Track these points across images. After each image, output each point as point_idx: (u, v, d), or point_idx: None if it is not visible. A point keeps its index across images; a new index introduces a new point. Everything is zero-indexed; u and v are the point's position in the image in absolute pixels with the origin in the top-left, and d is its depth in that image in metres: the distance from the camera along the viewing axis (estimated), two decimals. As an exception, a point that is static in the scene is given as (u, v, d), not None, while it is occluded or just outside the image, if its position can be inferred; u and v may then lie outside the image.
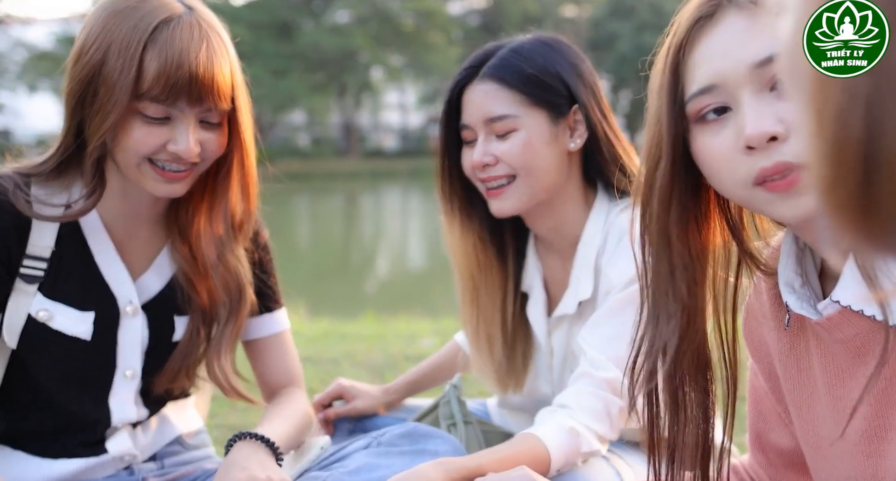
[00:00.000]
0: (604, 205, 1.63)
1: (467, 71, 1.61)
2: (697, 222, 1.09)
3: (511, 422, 1.85)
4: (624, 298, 1.52)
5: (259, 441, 1.37)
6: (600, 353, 1.49)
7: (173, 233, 1.52)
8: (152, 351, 1.51)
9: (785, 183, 0.94)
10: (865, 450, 1.01)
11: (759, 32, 0.96)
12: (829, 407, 1.06)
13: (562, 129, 1.60)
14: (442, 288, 9.62)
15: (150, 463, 1.57)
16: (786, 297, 1.04)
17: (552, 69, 1.58)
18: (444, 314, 5.07)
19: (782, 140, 0.93)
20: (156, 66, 1.30)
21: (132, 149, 1.35)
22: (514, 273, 1.76)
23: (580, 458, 1.44)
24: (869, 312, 0.95)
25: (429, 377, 1.96)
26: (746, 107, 0.95)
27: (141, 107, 1.32)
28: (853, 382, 1.01)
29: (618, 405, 1.46)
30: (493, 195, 1.60)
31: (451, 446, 1.41)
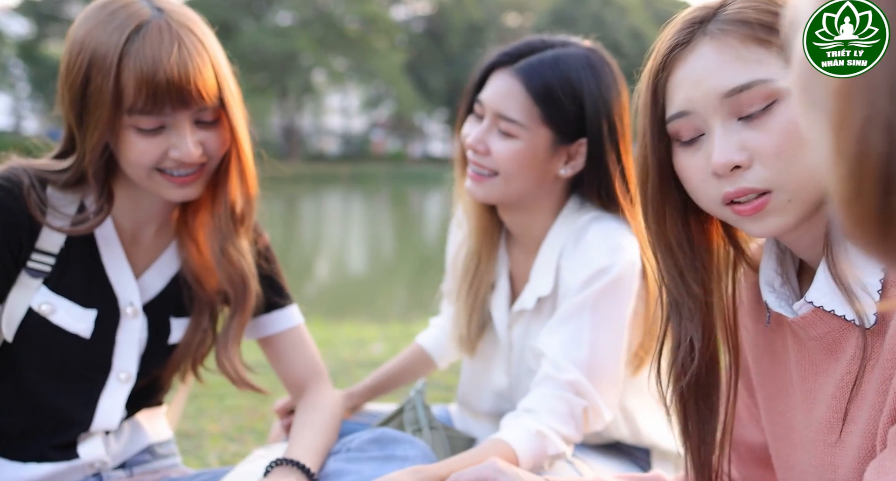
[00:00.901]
0: (573, 209, 1.67)
1: (506, 57, 1.61)
2: (693, 225, 1.14)
3: (473, 427, 1.88)
4: (580, 301, 1.55)
5: (295, 467, 1.36)
6: (561, 356, 1.52)
7: (180, 232, 1.52)
8: (148, 353, 1.51)
9: (750, 208, 1.01)
10: (828, 440, 1.06)
11: (728, 63, 1.01)
12: (800, 400, 1.12)
13: (559, 154, 1.62)
14: (386, 293, 9.61)
15: (120, 471, 1.56)
16: (766, 296, 1.11)
17: (578, 96, 1.57)
18: (392, 320, 5.05)
19: (746, 167, 1.00)
20: (133, 79, 1.30)
21: (136, 163, 1.36)
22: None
23: (547, 461, 1.47)
24: (840, 312, 1.00)
25: (392, 381, 1.97)
26: (715, 134, 1.01)
27: (133, 121, 1.33)
28: (824, 377, 1.07)
29: (581, 406, 1.49)
30: (473, 178, 1.63)
31: (419, 451, 1.43)
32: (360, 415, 1.91)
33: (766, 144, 0.99)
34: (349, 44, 40.22)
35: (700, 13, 1.04)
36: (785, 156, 0.98)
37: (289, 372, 1.63)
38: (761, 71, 0.99)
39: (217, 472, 1.59)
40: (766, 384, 1.20)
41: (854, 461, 1.01)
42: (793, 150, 0.98)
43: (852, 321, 0.99)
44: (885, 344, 0.96)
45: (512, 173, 1.59)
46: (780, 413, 1.17)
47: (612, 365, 1.54)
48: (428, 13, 47.62)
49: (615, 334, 1.55)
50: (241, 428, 2.64)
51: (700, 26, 1.04)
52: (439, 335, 2.00)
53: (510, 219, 1.71)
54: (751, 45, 1.00)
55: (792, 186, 0.99)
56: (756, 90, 0.99)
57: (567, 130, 1.59)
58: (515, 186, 1.61)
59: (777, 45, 0.99)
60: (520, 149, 1.58)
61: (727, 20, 1.02)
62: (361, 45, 39.90)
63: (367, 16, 40.39)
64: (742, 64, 1.00)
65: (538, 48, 1.60)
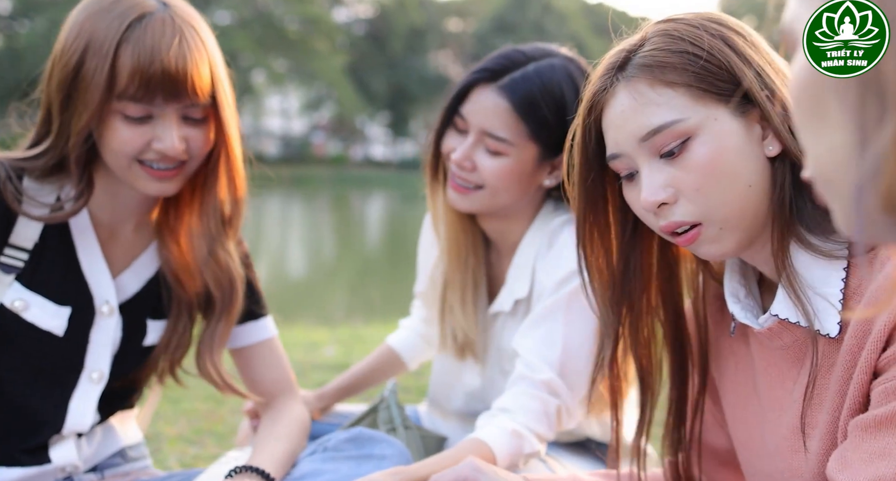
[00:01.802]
0: (548, 214, 1.70)
1: (488, 72, 1.59)
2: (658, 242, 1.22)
3: (442, 427, 1.89)
4: (554, 303, 1.57)
5: (256, 474, 1.35)
6: (535, 356, 1.54)
7: (162, 232, 1.50)
8: (121, 354, 1.48)
9: (685, 239, 1.07)
10: (793, 446, 1.11)
11: (640, 108, 1.06)
12: (766, 407, 1.17)
13: (544, 167, 1.64)
14: (330, 297, 9.54)
15: (91, 475, 1.53)
16: (731, 307, 1.15)
17: (562, 109, 1.58)
18: (339, 323, 5.03)
19: (672, 203, 1.06)
20: (129, 65, 1.29)
21: (118, 151, 1.34)
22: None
23: (522, 460, 1.48)
24: (805, 323, 1.05)
25: (362, 382, 1.97)
26: (642, 175, 1.07)
27: (121, 107, 1.31)
28: (791, 384, 1.12)
29: (555, 405, 1.52)
30: (456, 190, 1.63)
31: (396, 450, 1.43)
32: (330, 416, 1.91)
33: (687, 181, 1.04)
34: (289, 45, 39.84)
35: (616, 58, 1.10)
36: (705, 190, 1.03)
37: (259, 385, 1.61)
38: (670, 113, 1.04)
39: (188, 474, 1.57)
40: (731, 392, 1.24)
41: (819, 465, 1.06)
42: (712, 184, 1.03)
43: (818, 330, 1.03)
44: (841, 349, 1.01)
45: (499, 188, 1.60)
46: (745, 419, 1.21)
47: (584, 364, 1.56)
48: (370, 16, 47.49)
49: (587, 334, 1.57)
50: (199, 431, 2.60)
51: (616, 72, 1.09)
52: (410, 336, 2.01)
53: (490, 225, 1.73)
54: (659, 88, 1.05)
55: (718, 217, 1.04)
56: (668, 131, 1.04)
57: (552, 144, 1.60)
58: (501, 199, 1.63)
59: (683, 84, 1.04)
60: (508, 165, 1.59)
61: (636, 66, 1.07)
62: (302, 46, 39.55)
63: (307, 17, 40.07)
64: (653, 108, 1.05)
65: (520, 62, 1.59)
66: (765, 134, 1.05)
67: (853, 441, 0.97)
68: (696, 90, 1.04)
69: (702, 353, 1.26)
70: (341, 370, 3.38)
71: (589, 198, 1.17)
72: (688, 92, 1.04)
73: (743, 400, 1.22)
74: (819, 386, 1.06)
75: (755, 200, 1.04)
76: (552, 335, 1.55)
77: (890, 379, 0.94)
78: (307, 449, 1.47)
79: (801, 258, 1.04)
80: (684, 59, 1.04)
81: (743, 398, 1.22)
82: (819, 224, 1.04)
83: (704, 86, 1.04)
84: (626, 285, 1.21)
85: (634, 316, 1.22)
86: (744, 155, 1.04)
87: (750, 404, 1.20)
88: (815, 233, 1.04)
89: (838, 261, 1.02)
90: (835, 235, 1.03)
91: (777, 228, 1.05)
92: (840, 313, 1.01)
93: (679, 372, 1.26)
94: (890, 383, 0.93)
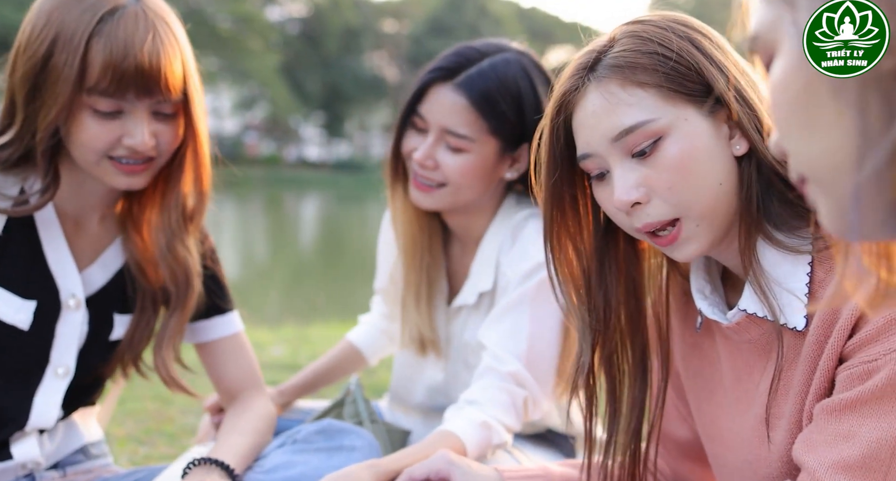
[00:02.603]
0: (511, 207, 1.73)
1: (444, 71, 1.61)
2: (624, 239, 1.23)
3: (403, 422, 1.91)
4: (520, 295, 1.59)
5: (215, 465, 1.33)
6: (502, 348, 1.56)
7: (126, 225, 1.47)
8: (87, 348, 1.45)
9: (666, 240, 1.09)
10: (760, 436, 1.15)
11: (612, 108, 1.08)
12: (733, 400, 1.20)
13: (505, 160, 1.67)
14: (265, 298, 9.43)
15: (53, 471, 1.50)
16: (699, 303, 1.18)
17: (519, 102, 1.61)
18: (279, 323, 4.97)
19: (645, 203, 1.08)
20: (101, 59, 1.27)
21: (87, 146, 1.31)
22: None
23: (491, 450, 1.49)
24: (772, 318, 1.09)
25: (324, 378, 1.97)
26: (614, 175, 1.09)
27: (91, 101, 1.29)
28: (759, 376, 1.15)
29: (522, 396, 1.54)
30: (419, 188, 1.65)
31: (366, 442, 1.44)
32: (291, 412, 1.91)
33: (659, 180, 1.06)
34: (222, 43, 39.16)
35: (586, 59, 1.12)
36: (677, 188, 1.06)
37: (225, 380, 1.59)
38: (641, 113, 1.06)
39: (152, 470, 1.55)
40: (697, 386, 1.28)
41: (787, 453, 1.09)
42: (684, 183, 1.06)
43: (784, 324, 1.07)
44: (806, 340, 1.05)
45: (463, 185, 1.62)
46: (711, 413, 1.24)
47: (549, 355, 1.60)
48: (303, 15, 47.04)
49: (552, 326, 1.61)
50: (148, 431, 2.55)
51: (587, 73, 1.11)
52: (370, 332, 2.02)
53: (453, 221, 1.75)
54: (630, 88, 1.07)
55: (694, 213, 1.07)
56: (640, 131, 1.06)
57: (512, 137, 1.63)
58: (465, 195, 1.65)
59: (653, 84, 1.07)
60: (470, 161, 1.61)
61: (607, 66, 1.09)
62: (234, 44, 38.93)
63: (240, 15, 39.49)
64: (624, 108, 1.07)
65: (474, 59, 1.61)
66: (732, 133, 1.08)
67: (818, 424, 1.01)
68: (666, 90, 1.06)
69: (663, 348, 1.28)
70: (291, 369, 3.36)
71: (556, 197, 1.19)
72: (658, 92, 1.06)
73: (709, 393, 1.25)
74: (785, 378, 1.10)
75: (725, 198, 1.08)
76: (518, 327, 1.58)
77: (855, 365, 0.98)
78: (276, 441, 1.46)
79: (768, 254, 1.08)
80: (654, 59, 1.07)
81: (709, 391, 1.25)
82: (785, 221, 1.08)
83: (674, 86, 1.06)
84: (602, 285, 1.22)
85: (609, 314, 1.24)
86: (713, 154, 1.07)
87: (716, 397, 1.23)
88: (782, 230, 1.07)
89: (803, 256, 1.06)
90: (800, 231, 1.07)
91: (744, 225, 1.08)
92: (806, 307, 1.05)
93: (640, 366, 1.28)
94: (855, 369, 0.98)
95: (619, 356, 1.27)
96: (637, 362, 1.28)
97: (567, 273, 1.23)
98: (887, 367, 0.94)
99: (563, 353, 1.61)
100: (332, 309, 6.43)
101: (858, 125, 0.58)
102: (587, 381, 1.27)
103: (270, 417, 1.55)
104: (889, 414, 0.94)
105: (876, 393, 0.95)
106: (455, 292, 1.80)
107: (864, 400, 0.96)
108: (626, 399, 1.28)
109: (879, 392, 0.95)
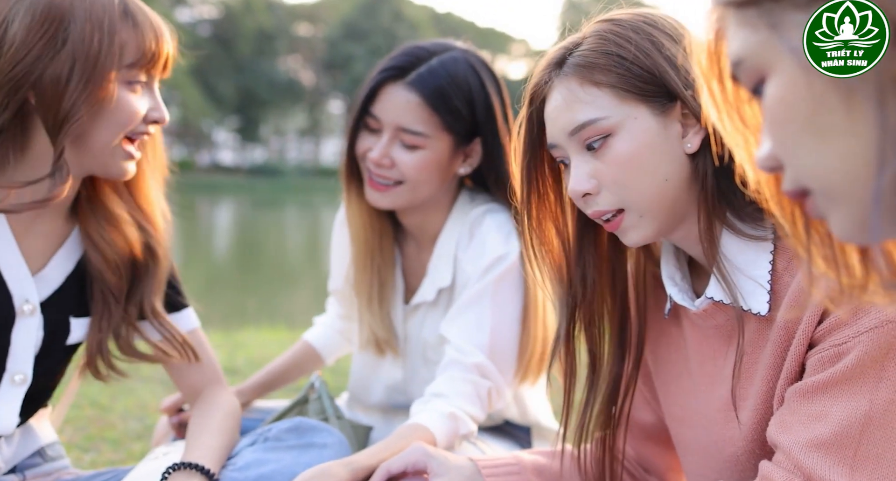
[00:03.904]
0: (465, 204, 1.76)
1: (395, 70, 1.64)
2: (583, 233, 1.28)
3: (363, 420, 1.91)
4: (481, 289, 1.63)
5: (195, 470, 1.32)
6: (465, 341, 1.59)
7: (85, 219, 1.44)
8: (44, 354, 1.41)
9: (610, 226, 1.17)
10: (725, 417, 1.20)
11: (570, 104, 1.15)
12: (699, 384, 1.25)
13: (459, 155, 1.70)
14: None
15: (12, 476, 1.46)
16: (669, 290, 1.24)
17: (469, 98, 1.65)
18: (207, 329, 4.89)
19: (595, 193, 1.15)
20: (138, 38, 1.33)
21: (121, 122, 1.33)
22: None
23: (458, 441, 1.52)
24: (734, 303, 1.14)
25: (281, 377, 1.97)
26: (571, 165, 1.16)
27: (128, 76, 1.33)
28: (724, 360, 1.21)
29: (486, 387, 1.57)
30: (376, 188, 1.67)
31: (336, 438, 1.45)
32: (250, 412, 1.89)
33: (607, 173, 1.13)
34: (130, 44, 38.09)
35: (557, 55, 1.19)
36: (622, 182, 1.13)
37: (186, 377, 1.57)
38: (594, 111, 1.13)
39: (117, 472, 1.52)
40: (663, 370, 1.33)
41: (751, 433, 1.16)
42: (629, 177, 1.13)
43: (749, 310, 1.13)
44: (773, 326, 1.11)
45: (419, 181, 1.65)
46: (677, 396, 1.30)
47: (511, 346, 1.64)
48: (214, 17, 46.18)
49: (513, 318, 1.64)
50: (90, 438, 2.47)
51: (555, 68, 1.18)
52: (326, 332, 2.02)
53: (409, 220, 1.77)
54: (587, 87, 1.14)
55: (637, 205, 1.13)
56: (591, 127, 1.13)
57: (464, 132, 1.67)
58: (422, 192, 1.67)
59: (608, 84, 1.13)
60: (426, 158, 1.64)
61: (571, 64, 1.16)
62: (144, 46, 37.90)
63: (150, 16, 38.48)
64: (580, 105, 1.14)
65: (423, 57, 1.65)
66: (685, 132, 1.14)
67: (791, 406, 1.07)
68: (619, 90, 1.13)
69: (640, 333, 1.33)
70: (231, 373, 3.31)
71: (531, 180, 1.24)
72: (612, 92, 1.13)
73: (676, 377, 1.30)
74: (750, 361, 1.16)
75: (672, 193, 1.13)
76: (480, 320, 1.61)
77: (825, 348, 1.04)
78: (247, 440, 1.45)
79: (731, 243, 1.14)
80: (611, 60, 1.13)
81: (676, 376, 1.30)
82: (749, 213, 1.14)
83: (627, 86, 1.13)
84: (581, 265, 1.27)
85: (589, 295, 1.28)
86: (661, 151, 1.13)
87: (683, 381, 1.29)
88: (744, 220, 1.14)
89: (765, 243, 1.12)
90: (761, 221, 1.13)
91: (704, 216, 1.15)
92: (769, 293, 1.11)
93: (618, 351, 1.33)
94: (825, 352, 1.04)
95: (599, 331, 1.32)
96: (616, 341, 1.33)
97: (547, 251, 1.27)
98: (856, 350, 1.00)
99: (521, 345, 1.65)
100: (261, 314, 6.35)
101: (878, 128, 0.59)
102: (566, 355, 1.31)
103: (237, 414, 1.54)
104: (858, 394, 1.00)
105: (846, 374, 1.01)
106: (412, 290, 1.82)
107: (835, 382, 1.02)
108: (604, 372, 1.33)
109: (849, 373, 1.01)
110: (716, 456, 1.22)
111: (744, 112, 0.74)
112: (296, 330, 5.00)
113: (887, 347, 0.99)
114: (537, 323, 1.66)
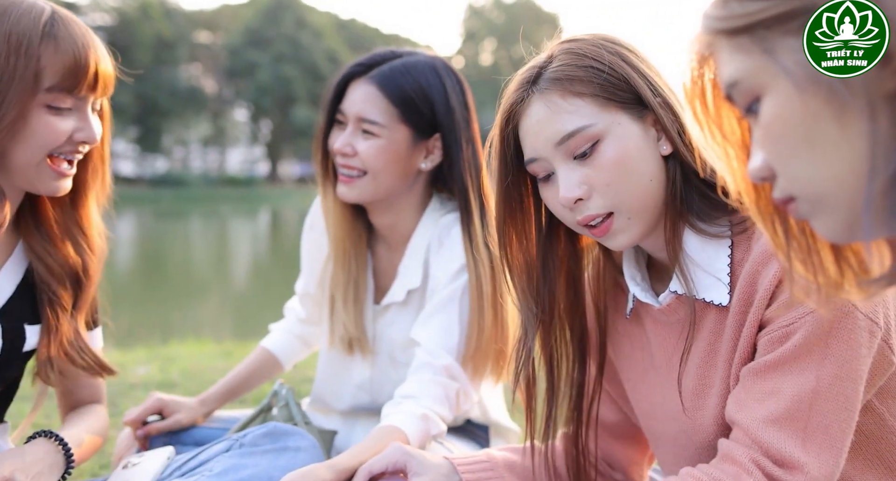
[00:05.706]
0: (436, 209, 1.83)
1: (359, 67, 1.75)
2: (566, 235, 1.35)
3: (324, 424, 1.92)
4: (449, 293, 1.69)
5: (51, 437, 1.39)
6: (435, 344, 1.64)
7: (26, 229, 1.46)
8: (4, 363, 1.41)
9: (598, 230, 1.23)
10: (691, 406, 1.28)
11: (554, 116, 1.22)
12: (664, 377, 1.33)
13: (419, 149, 1.77)
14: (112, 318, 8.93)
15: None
16: (633, 289, 1.32)
17: (429, 96, 1.73)
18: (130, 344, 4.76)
19: (587, 199, 1.22)
20: (59, 59, 1.31)
21: (41, 144, 1.33)
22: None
23: (429, 441, 1.54)
24: (700, 296, 1.23)
25: (242, 385, 1.99)
26: (559, 175, 1.23)
27: (49, 99, 1.32)
28: (687, 354, 1.28)
29: (455, 389, 1.61)
30: (343, 181, 1.75)
31: (309, 442, 1.49)
32: (213, 421, 1.91)
33: (598, 178, 1.20)
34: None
35: (528, 74, 1.26)
36: (614, 184, 1.20)
37: (76, 394, 1.62)
38: (580, 119, 1.21)
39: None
40: (629, 369, 1.40)
41: (715, 418, 1.24)
42: (620, 179, 1.20)
43: (710, 301, 1.21)
44: (729, 314, 1.20)
45: (379, 169, 1.72)
46: (646, 392, 1.37)
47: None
48: (108, 24, 44.76)
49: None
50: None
51: (530, 86, 1.25)
52: (285, 337, 2.05)
53: (379, 219, 1.82)
54: (569, 98, 1.22)
55: (627, 207, 1.21)
56: (580, 136, 1.20)
57: (423, 127, 1.75)
58: (383, 182, 1.73)
59: (590, 94, 1.21)
60: (383, 145, 1.71)
61: (548, 79, 1.23)
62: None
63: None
64: (565, 116, 1.21)
65: (388, 57, 1.76)
66: (659, 136, 1.23)
67: (745, 385, 1.16)
68: (601, 99, 1.20)
69: (601, 336, 1.41)
70: (169, 386, 3.24)
71: (507, 199, 1.30)
72: (594, 101, 1.20)
73: (641, 375, 1.38)
74: (712, 351, 1.24)
75: (655, 193, 1.22)
76: (449, 323, 1.67)
77: (774, 330, 1.13)
78: (221, 446, 1.47)
79: (692, 242, 1.23)
80: (589, 72, 1.21)
81: (641, 373, 1.38)
82: (706, 212, 1.22)
83: (607, 95, 1.20)
84: (546, 277, 1.34)
85: (552, 304, 1.35)
86: (644, 153, 1.21)
87: (648, 377, 1.36)
88: (703, 220, 1.23)
89: (724, 240, 1.21)
90: (719, 220, 1.22)
91: (670, 217, 1.23)
92: (728, 285, 1.19)
93: (579, 351, 1.41)
94: (774, 333, 1.13)
95: (559, 341, 1.39)
96: (576, 347, 1.41)
97: (514, 265, 1.34)
98: (802, 329, 1.10)
99: (477, 347, 1.69)
100: (186, 327, 6.22)
101: (870, 141, 0.62)
102: (529, 364, 1.37)
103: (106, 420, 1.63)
104: (806, 370, 1.11)
105: (795, 352, 1.11)
106: (382, 291, 1.86)
107: (785, 360, 1.12)
108: (566, 379, 1.40)
109: (797, 351, 1.11)
110: (687, 446, 1.29)
111: (724, 128, 0.81)
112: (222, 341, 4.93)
113: (829, 326, 1.09)
114: (496, 323, 1.71)
